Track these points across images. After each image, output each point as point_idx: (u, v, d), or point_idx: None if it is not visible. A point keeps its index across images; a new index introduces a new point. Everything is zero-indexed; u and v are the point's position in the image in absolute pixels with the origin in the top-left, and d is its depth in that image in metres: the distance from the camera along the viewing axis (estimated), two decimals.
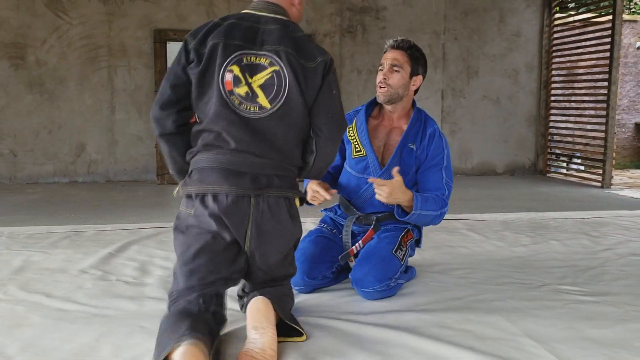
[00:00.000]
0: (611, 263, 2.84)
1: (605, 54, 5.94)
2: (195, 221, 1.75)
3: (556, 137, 6.89)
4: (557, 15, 6.73)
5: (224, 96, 1.75)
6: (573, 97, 6.68)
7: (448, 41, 6.54)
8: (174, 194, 1.83)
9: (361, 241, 2.32)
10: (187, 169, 1.83)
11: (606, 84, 5.90)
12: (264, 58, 1.78)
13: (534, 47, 6.76)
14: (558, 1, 6.66)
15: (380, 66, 2.36)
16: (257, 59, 1.78)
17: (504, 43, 6.69)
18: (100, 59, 5.77)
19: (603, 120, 5.96)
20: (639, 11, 11.38)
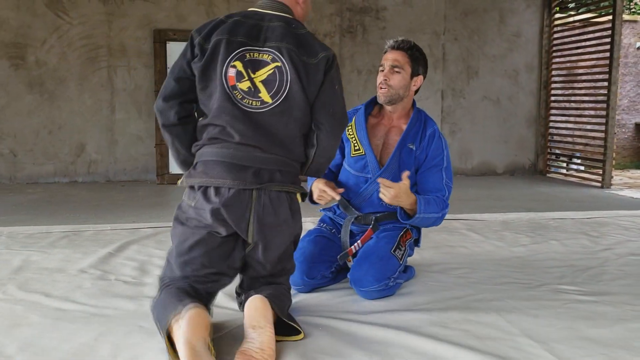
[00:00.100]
0: (610, 263, 2.84)
1: (605, 54, 5.94)
2: (194, 214, 1.79)
3: (556, 138, 6.89)
4: (557, 15, 6.73)
5: (227, 91, 1.79)
6: (573, 98, 6.67)
7: (448, 41, 6.54)
8: (179, 183, 1.88)
9: (360, 241, 2.32)
10: (190, 161, 1.88)
11: (606, 84, 5.90)
12: (266, 54, 1.82)
13: (534, 48, 6.76)
14: (558, 1, 6.66)
15: (380, 67, 2.35)
16: (260, 55, 1.82)
17: (504, 43, 6.69)
18: (100, 59, 5.77)
19: (603, 120, 5.95)
20: (639, 11, 11.37)
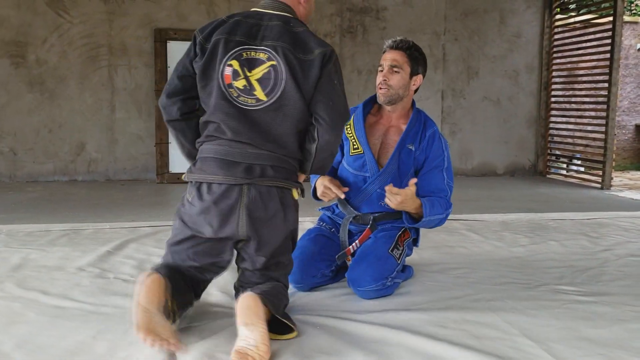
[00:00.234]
0: (610, 264, 2.83)
1: (605, 55, 5.94)
2: (189, 209, 1.86)
3: (556, 139, 6.88)
4: (558, 16, 6.73)
5: (222, 89, 1.85)
6: (573, 99, 6.67)
7: (448, 42, 6.53)
8: (183, 177, 1.94)
9: (358, 241, 2.32)
10: (195, 154, 1.96)
11: (606, 85, 5.90)
12: (262, 53, 1.86)
13: (534, 48, 6.76)
14: (559, 2, 6.66)
15: (379, 67, 2.35)
16: (257, 54, 1.86)
17: (504, 44, 6.68)
18: (100, 57, 5.77)
19: (603, 121, 5.95)
20: None
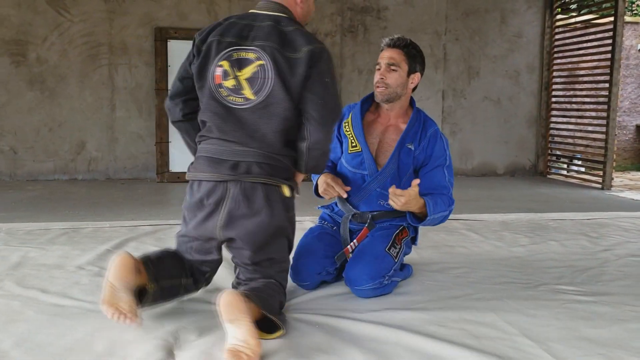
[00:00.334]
0: (610, 264, 2.83)
1: (606, 55, 5.93)
2: (185, 207, 1.95)
3: (557, 139, 6.87)
4: (559, 16, 6.72)
5: (212, 89, 1.89)
6: (574, 99, 6.67)
7: (449, 42, 6.53)
8: (187, 177, 1.99)
9: (356, 240, 2.32)
10: None
11: (607, 85, 5.89)
12: (251, 53, 1.88)
13: (535, 49, 6.75)
14: (560, 3, 6.66)
15: (377, 65, 2.34)
16: (246, 54, 1.88)
17: (505, 44, 6.68)
18: (101, 56, 5.77)
19: (604, 122, 5.94)
20: None
